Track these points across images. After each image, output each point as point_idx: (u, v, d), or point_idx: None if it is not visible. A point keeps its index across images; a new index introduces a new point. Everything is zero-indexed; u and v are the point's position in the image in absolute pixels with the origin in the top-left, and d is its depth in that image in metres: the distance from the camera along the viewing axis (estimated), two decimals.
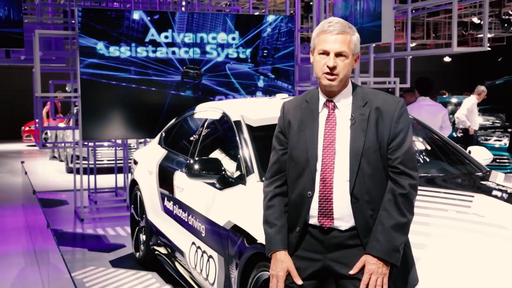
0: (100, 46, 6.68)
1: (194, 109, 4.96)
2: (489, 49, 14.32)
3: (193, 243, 3.93)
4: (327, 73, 2.27)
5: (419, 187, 2.36)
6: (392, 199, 2.25)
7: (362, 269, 2.25)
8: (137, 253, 5.32)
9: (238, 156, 3.62)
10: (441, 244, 2.64)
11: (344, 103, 2.34)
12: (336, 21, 2.31)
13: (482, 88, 9.97)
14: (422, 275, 2.38)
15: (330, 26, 2.28)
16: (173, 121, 5.44)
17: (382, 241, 2.21)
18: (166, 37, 6.94)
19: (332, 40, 2.26)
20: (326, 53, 2.27)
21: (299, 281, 2.31)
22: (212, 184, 3.68)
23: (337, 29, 2.27)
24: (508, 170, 9.51)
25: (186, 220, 4.09)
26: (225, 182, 3.57)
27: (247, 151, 3.57)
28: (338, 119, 2.33)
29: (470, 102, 9.83)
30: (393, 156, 2.28)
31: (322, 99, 2.37)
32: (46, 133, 14.75)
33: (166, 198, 4.59)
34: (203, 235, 3.74)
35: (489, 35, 15.56)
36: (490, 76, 19.46)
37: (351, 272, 2.25)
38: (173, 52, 6.96)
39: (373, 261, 2.21)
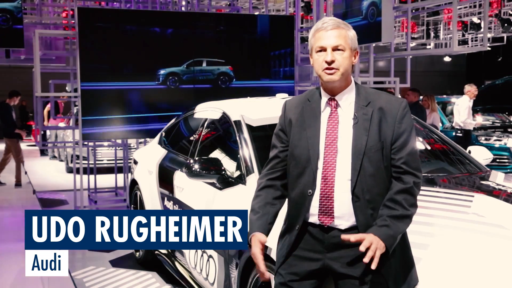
0: (100, 45, 6.67)
1: (194, 109, 4.96)
2: (489, 49, 14.32)
3: None
4: (326, 69, 2.28)
5: None
6: (395, 193, 2.25)
7: (360, 270, 2.24)
8: (137, 253, 5.32)
9: (238, 156, 3.62)
10: (441, 244, 2.64)
11: (347, 102, 2.34)
12: (330, 18, 2.34)
13: (468, 88, 9.94)
14: (422, 275, 2.38)
15: (324, 24, 2.31)
16: (173, 120, 5.44)
17: (378, 224, 2.22)
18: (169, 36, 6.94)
19: (327, 35, 2.28)
20: (323, 49, 2.28)
21: (264, 269, 2.31)
22: (212, 184, 3.68)
23: (331, 25, 2.29)
24: (508, 170, 9.51)
25: None
26: (225, 182, 3.57)
27: (247, 151, 3.57)
28: (340, 118, 2.33)
29: (466, 103, 9.81)
30: (396, 156, 2.29)
31: (324, 97, 2.37)
32: (45, 133, 14.74)
33: (166, 198, 4.59)
34: None
35: (489, 35, 15.53)
36: (490, 76, 19.46)
37: (349, 238, 2.18)
38: (175, 51, 6.96)
39: (373, 236, 2.17)
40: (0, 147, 15.64)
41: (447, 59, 21.81)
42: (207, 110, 4.59)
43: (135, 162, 5.60)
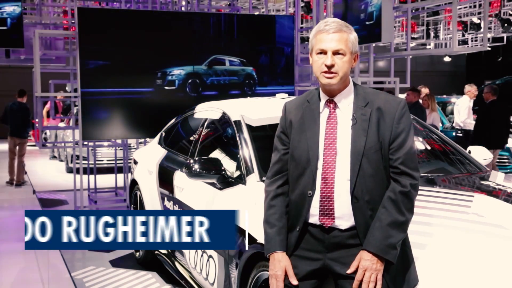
0: (100, 46, 6.67)
1: (194, 109, 4.96)
2: (489, 49, 14.31)
3: None
4: (325, 72, 2.28)
5: (419, 187, 2.36)
6: (392, 197, 2.25)
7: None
8: (137, 253, 5.32)
9: (238, 156, 3.62)
10: (441, 244, 2.64)
11: (345, 103, 2.34)
12: (332, 20, 2.33)
13: (468, 88, 9.94)
14: (422, 275, 2.38)
15: (326, 26, 2.30)
16: (173, 120, 5.44)
17: (378, 237, 2.21)
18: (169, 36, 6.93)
19: (328, 38, 2.27)
20: (323, 52, 2.28)
21: (295, 281, 2.31)
22: (212, 184, 3.68)
23: (333, 28, 2.28)
24: (508, 170, 9.50)
25: None
26: (225, 182, 3.57)
27: (247, 151, 3.57)
28: (339, 119, 2.33)
29: (466, 103, 9.81)
30: (394, 157, 2.29)
31: (323, 99, 2.37)
32: (45, 133, 14.75)
33: (166, 198, 4.59)
34: None
35: (489, 35, 15.52)
36: (490, 76, 19.45)
37: (348, 271, 2.25)
38: (177, 51, 6.93)
39: (367, 257, 2.22)
40: (1, 148, 15.67)
41: (447, 59, 21.79)
42: (207, 110, 4.59)
43: (135, 162, 5.60)
